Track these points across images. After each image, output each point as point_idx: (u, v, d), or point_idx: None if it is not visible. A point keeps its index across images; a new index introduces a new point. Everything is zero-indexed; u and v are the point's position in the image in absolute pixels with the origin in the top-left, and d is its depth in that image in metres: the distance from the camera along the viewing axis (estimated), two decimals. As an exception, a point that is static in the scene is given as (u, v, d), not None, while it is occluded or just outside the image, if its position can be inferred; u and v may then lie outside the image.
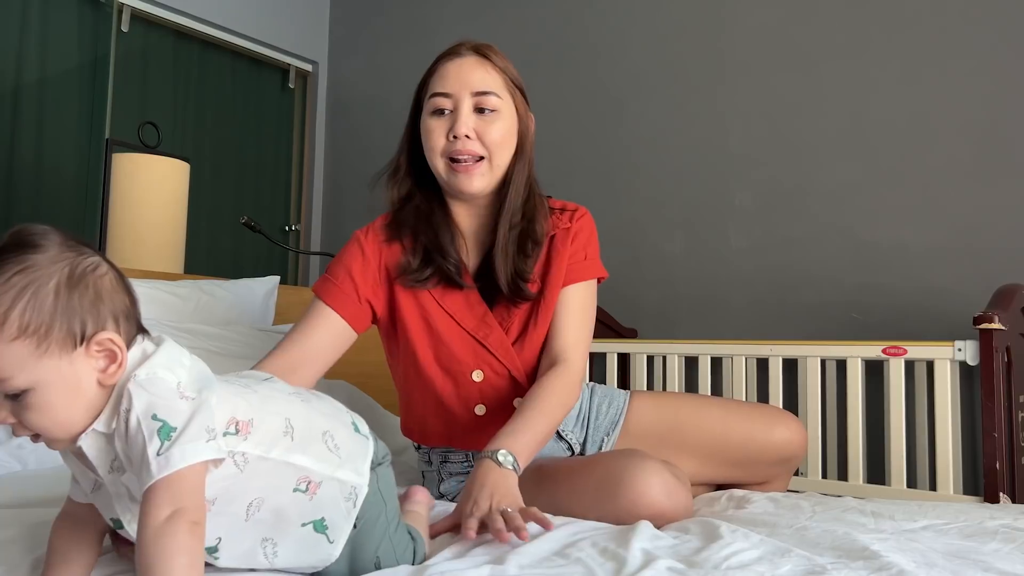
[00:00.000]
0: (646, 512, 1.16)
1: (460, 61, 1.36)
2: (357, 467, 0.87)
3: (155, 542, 0.67)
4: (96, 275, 0.75)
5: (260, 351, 2.00)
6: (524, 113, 1.40)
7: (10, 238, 0.73)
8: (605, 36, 2.71)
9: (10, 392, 0.71)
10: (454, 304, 1.37)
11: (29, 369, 0.70)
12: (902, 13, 2.17)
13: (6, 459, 1.36)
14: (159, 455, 0.69)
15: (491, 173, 1.36)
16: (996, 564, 0.95)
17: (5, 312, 0.69)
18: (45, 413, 0.72)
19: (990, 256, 1.99)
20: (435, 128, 1.35)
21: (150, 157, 2.32)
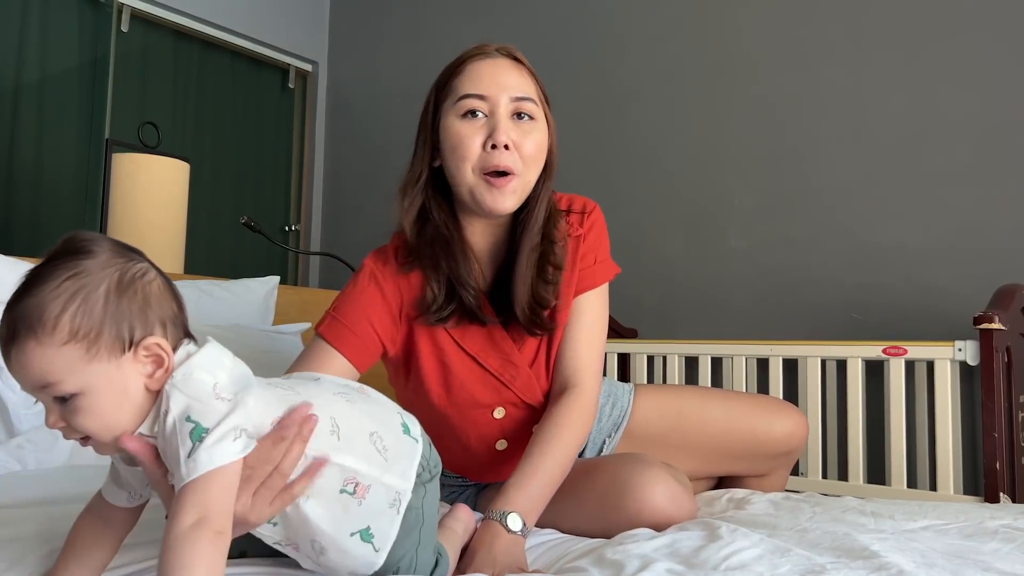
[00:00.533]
0: (651, 519, 1.15)
1: (493, 62, 1.23)
2: (403, 470, 0.86)
3: (177, 548, 0.67)
4: (144, 281, 0.76)
5: (260, 351, 2.00)
6: (553, 127, 1.28)
7: (62, 245, 0.75)
8: (605, 36, 2.71)
9: (60, 395, 0.72)
10: (475, 343, 1.26)
11: (79, 373, 0.71)
12: (902, 13, 2.16)
13: (6, 459, 1.36)
14: (189, 457, 0.70)
15: (521, 191, 1.22)
16: (996, 564, 0.95)
17: (57, 317, 0.70)
18: (93, 417, 0.73)
19: (990, 256, 1.99)
20: (469, 134, 1.19)
21: (150, 157, 2.32)
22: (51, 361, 0.70)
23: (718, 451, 1.47)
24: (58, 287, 0.71)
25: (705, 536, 1.05)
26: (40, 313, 0.70)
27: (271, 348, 2.04)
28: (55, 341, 0.70)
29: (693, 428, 1.46)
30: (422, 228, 1.26)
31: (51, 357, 0.70)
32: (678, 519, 1.17)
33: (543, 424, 1.21)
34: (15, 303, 0.71)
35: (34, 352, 0.70)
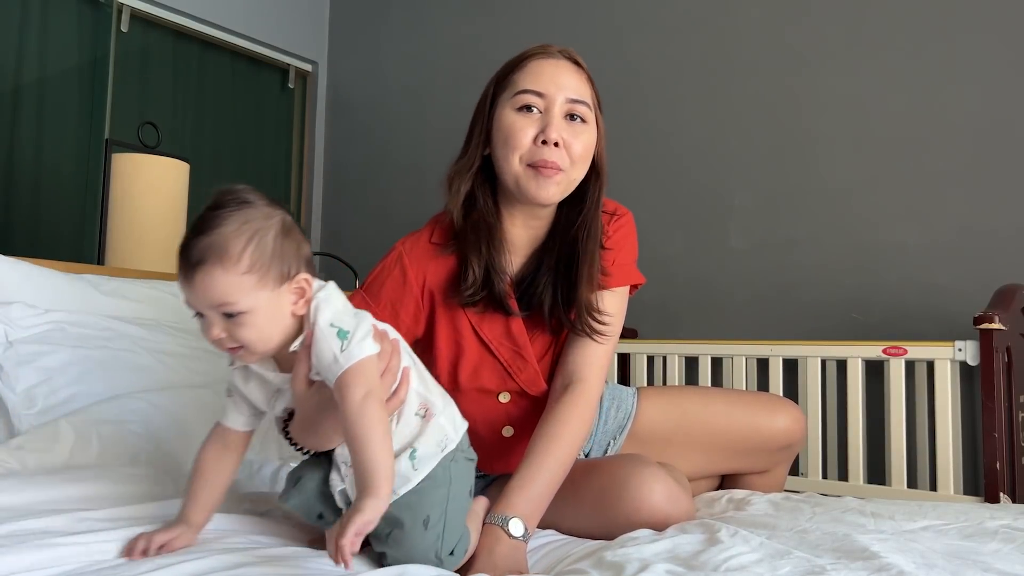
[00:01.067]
0: (648, 518, 1.16)
1: (555, 63, 1.26)
2: (454, 419, 1.05)
3: (359, 418, 0.87)
4: (296, 229, 0.96)
5: (260, 351, 2.00)
6: (603, 132, 1.33)
7: (222, 195, 0.93)
8: (604, 36, 2.70)
9: (231, 313, 0.91)
10: (492, 332, 1.29)
11: (250, 297, 0.91)
12: (902, 13, 2.16)
13: (6, 459, 1.36)
14: (343, 352, 0.90)
15: (566, 185, 1.26)
16: (996, 564, 0.95)
17: (240, 252, 0.90)
18: (254, 330, 0.92)
19: (990, 256, 1.99)
20: (522, 127, 1.23)
21: (150, 157, 2.32)
22: (231, 284, 0.90)
23: (722, 448, 1.48)
24: (239, 229, 0.90)
25: (705, 539, 1.05)
26: (227, 247, 0.89)
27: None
28: (238, 270, 0.90)
29: (696, 427, 1.48)
30: (468, 213, 1.30)
31: (232, 282, 0.90)
32: (676, 518, 1.18)
33: (546, 420, 1.22)
34: (197, 238, 0.90)
35: (220, 277, 0.89)
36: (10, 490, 1.13)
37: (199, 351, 1.88)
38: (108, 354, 1.71)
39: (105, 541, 0.95)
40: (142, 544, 0.93)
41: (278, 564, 0.89)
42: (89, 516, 1.05)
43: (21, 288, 1.75)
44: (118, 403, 1.56)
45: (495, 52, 2.92)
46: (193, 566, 0.87)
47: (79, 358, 1.67)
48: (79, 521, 1.04)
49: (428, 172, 3.09)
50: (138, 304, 1.91)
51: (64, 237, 2.82)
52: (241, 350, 0.93)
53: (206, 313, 0.92)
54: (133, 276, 2.05)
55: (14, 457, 1.37)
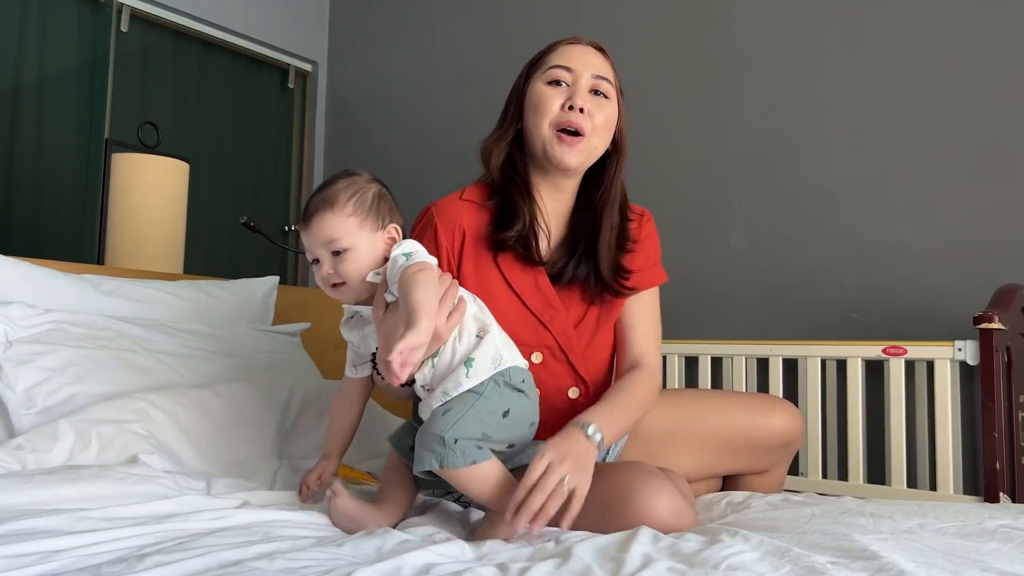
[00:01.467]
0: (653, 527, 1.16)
1: (583, 47, 1.42)
2: (512, 350, 1.22)
3: (411, 276, 1.11)
4: (391, 197, 1.28)
5: (260, 351, 2.00)
6: (624, 114, 1.45)
7: (341, 173, 1.26)
8: (604, 36, 2.69)
9: (336, 250, 1.18)
10: (522, 284, 1.38)
11: (352, 236, 1.19)
12: (902, 13, 2.16)
13: (6, 459, 1.36)
14: (408, 262, 1.15)
15: (588, 152, 1.38)
16: (995, 564, 0.95)
17: (345, 201, 1.20)
18: (353, 266, 1.19)
19: (990, 256, 1.99)
20: (551, 96, 1.37)
21: (149, 157, 2.32)
22: (337, 224, 1.18)
23: (721, 446, 1.50)
24: (347, 187, 1.21)
25: (706, 538, 1.06)
26: (336, 197, 1.20)
27: (271, 348, 2.04)
28: (344, 214, 1.19)
29: (696, 424, 1.50)
30: (509, 174, 1.42)
31: (339, 222, 1.18)
32: (679, 530, 1.18)
33: (618, 383, 1.37)
34: (314, 197, 1.21)
35: (329, 219, 1.19)
36: (10, 490, 1.13)
37: (199, 351, 1.88)
38: (108, 354, 1.71)
39: (105, 541, 0.95)
40: (305, 491, 1.21)
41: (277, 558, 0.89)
42: (89, 516, 1.06)
43: (21, 288, 1.75)
44: (118, 403, 1.56)
45: (495, 52, 2.93)
46: (191, 565, 0.87)
47: (79, 358, 1.67)
48: (79, 521, 1.04)
49: (428, 172, 3.09)
50: (138, 304, 1.91)
51: (64, 237, 2.82)
52: (343, 286, 1.19)
53: (319, 254, 1.19)
54: (133, 276, 2.05)
55: (14, 457, 1.37)
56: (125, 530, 0.99)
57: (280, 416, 1.76)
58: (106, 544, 0.95)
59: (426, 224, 1.41)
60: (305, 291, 2.56)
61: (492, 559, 0.98)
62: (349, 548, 0.97)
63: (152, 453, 1.47)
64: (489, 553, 1.02)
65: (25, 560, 0.87)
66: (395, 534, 1.05)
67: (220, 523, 1.08)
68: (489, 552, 1.02)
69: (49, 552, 0.91)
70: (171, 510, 1.13)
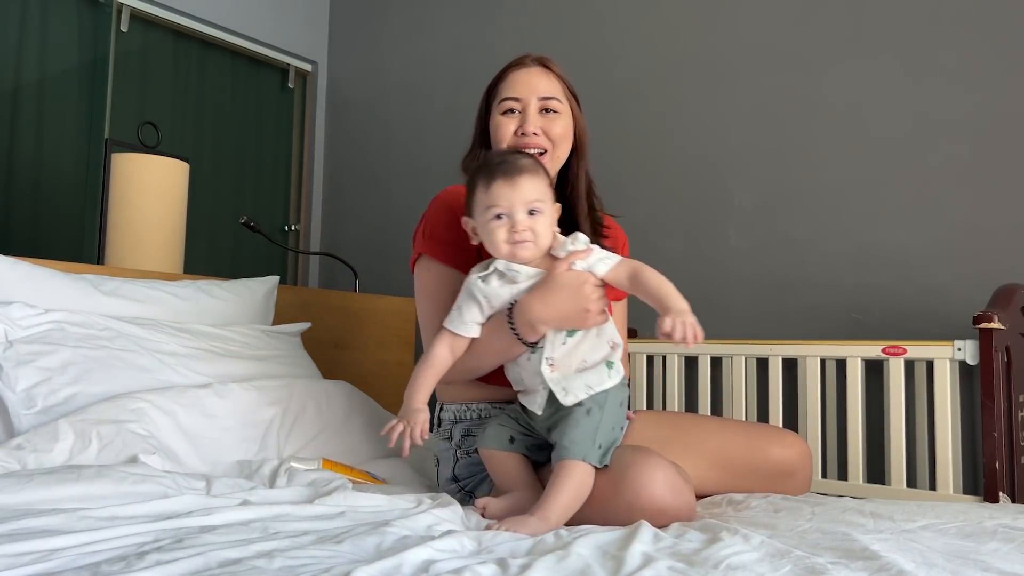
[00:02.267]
0: (650, 507, 1.17)
1: (527, 71, 1.55)
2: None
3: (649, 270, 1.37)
4: None
5: (260, 351, 2.00)
6: (579, 117, 1.60)
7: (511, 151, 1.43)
8: (604, 36, 2.71)
9: (534, 210, 1.31)
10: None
11: (547, 203, 1.33)
12: (902, 13, 2.17)
13: (6, 459, 1.36)
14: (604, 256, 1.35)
15: (552, 163, 1.54)
16: (995, 564, 0.95)
17: (544, 172, 1.36)
18: (543, 226, 1.32)
19: (990, 256, 1.99)
20: (505, 125, 1.54)
21: (149, 157, 2.32)
22: (542, 189, 1.33)
23: (716, 463, 1.48)
24: (535, 162, 1.37)
25: (706, 537, 1.06)
26: (537, 166, 1.35)
27: (271, 348, 2.04)
28: (545, 181, 1.34)
29: (692, 435, 1.50)
30: None
31: (543, 187, 1.33)
32: (676, 510, 1.19)
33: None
34: (514, 158, 1.34)
35: (537, 182, 1.32)
36: (10, 490, 1.13)
37: (199, 351, 1.88)
38: (108, 354, 1.71)
39: (104, 539, 0.95)
40: (407, 445, 1.26)
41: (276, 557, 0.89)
42: (89, 515, 1.06)
43: (21, 288, 1.75)
44: (118, 403, 1.56)
45: (495, 52, 2.93)
46: (191, 564, 0.87)
47: (79, 358, 1.67)
48: (79, 520, 1.04)
49: (428, 172, 3.09)
50: (138, 304, 1.91)
51: (64, 237, 2.82)
52: (529, 243, 1.31)
53: (514, 211, 1.30)
54: (133, 276, 2.05)
55: (14, 457, 1.37)
56: (124, 528, 0.99)
57: (280, 416, 1.76)
58: (105, 543, 0.95)
59: (437, 208, 1.54)
60: (305, 291, 2.56)
61: (491, 554, 0.98)
62: (349, 545, 0.97)
63: (152, 453, 1.47)
64: (488, 548, 1.02)
65: (24, 559, 0.87)
66: (395, 531, 1.05)
67: (219, 521, 1.08)
68: (488, 547, 1.02)
69: (48, 551, 0.91)
70: (171, 509, 1.13)
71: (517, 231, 1.29)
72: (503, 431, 1.36)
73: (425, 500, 1.29)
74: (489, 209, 1.31)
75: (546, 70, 1.56)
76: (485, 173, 1.32)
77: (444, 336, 1.36)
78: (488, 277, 1.34)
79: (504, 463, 1.35)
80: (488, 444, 1.35)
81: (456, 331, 1.35)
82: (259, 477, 1.50)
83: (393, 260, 3.10)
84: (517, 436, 1.36)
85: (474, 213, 1.35)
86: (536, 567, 0.89)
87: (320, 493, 1.29)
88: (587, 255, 1.33)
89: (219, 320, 2.04)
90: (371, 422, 1.93)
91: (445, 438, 1.52)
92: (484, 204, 1.31)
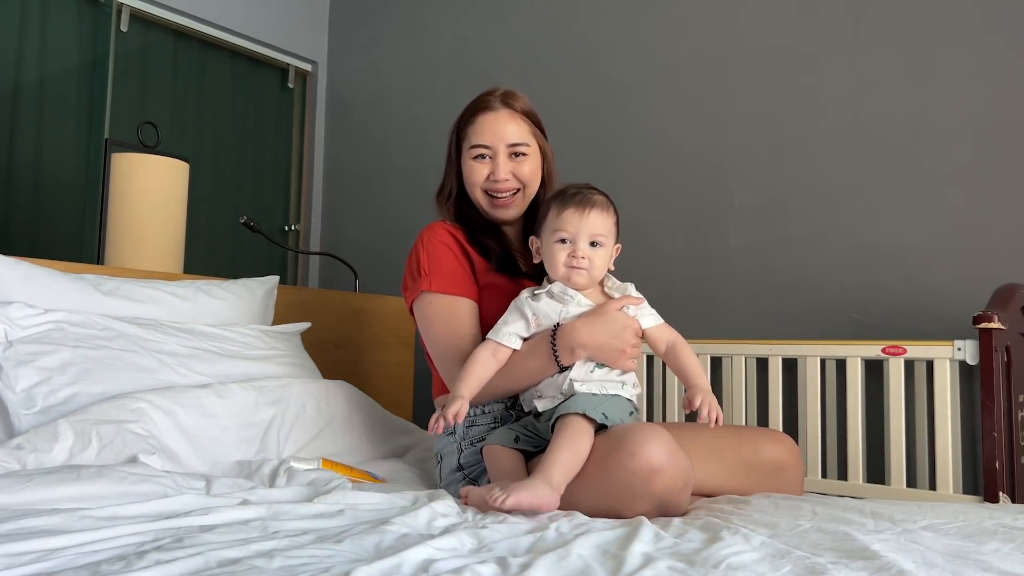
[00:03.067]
0: (645, 467, 1.20)
1: (494, 115, 1.62)
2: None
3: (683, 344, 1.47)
4: None
5: (260, 351, 2.00)
6: (546, 148, 1.69)
7: (585, 185, 1.48)
8: (604, 36, 2.71)
9: (596, 242, 1.41)
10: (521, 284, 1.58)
11: (611, 238, 1.44)
12: (902, 13, 2.17)
13: (6, 459, 1.36)
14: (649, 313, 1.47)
15: (523, 201, 1.65)
16: (996, 564, 0.95)
17: (614, 210, 1.47)
18: (601, 260, 1.43)
19: (990, 256, 1.99)
20: (477, 169, 1.63)
21: (149, 157, 2.32)
22: (609, 224, 1.44)
23: (712, 456, 1.50)
24: (608, 200, 1.46)
25: (707, 537, 1.06)
26: (609, 203, 1.45)
27: (271, 348, 2.04)
28: (614, 219, 1.46)
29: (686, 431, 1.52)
30: (467, 223, 1.67)
31: (610, 224, 1.44)
32: (672, 472, 1.22)
33: None
34: (592, 191, 1.45)
35: (607, 217, 1.43)
36: (10, 490, 1.13)
37: (199, 351, 1.88)
38: (108, 354, 1.71)
39: (104, 539, 0.95)
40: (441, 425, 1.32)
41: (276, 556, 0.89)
42: (88, 515, 1.06)
43: (21, 288, 1.75)
44: (118, 403, 1.56)
45: (495, 52, 2.93)
46: (191, 563, 0.87)
47: (79, 358, 1.67)
48: (78, 520, 1.04)
49: (428, 172, 3.09)
50: (138, 304, 1.91)
51: (64, 237, 2.82)
52: (585, 270, 1.41)
53: (578, 238, 1.40)
54: (133, 276, 2.05)
55: (14, 457, 1.37)
56: (124, 528, 0.99)
57: (280, 416, 1.76)
58: (105, 542, 0.95)
59: (429, 244, 1.61)
60: (305, 291, 2.56)
61: (491, 553, 0.98)
62: (348, 544, 0.97)
63: (152, 453, 1.47)
64: (488, 546, 1.02)
65: (24, 558, 0.87)
66: (395, 529, 1.05)
67: (219, 520, 1.07)
68: (488, 545, 1.02)
69: (48, 550, 0.91)
70: (170, 509, 1.13)
71: (576, 257, 1.40)
72: (510, 432, 1.43)
73: (422, 497, 1.29)
74: (556, 232, 1.42)
75: (512, 113, 1.63)
76: (560, 201, 1.43)
77: (488, 344, 1.44)
78: (539, 295, 1.45)
79: (503, 457, 1.40)
80: (495, 441, 1.42)
81: (500, 341, 1.43)
82: (259, 477, 1.50)
83: (393, 260, 3.10)
84: (523, 437, 1.42)
85: (542, 234, 1.47)
86: (536, 566, 0.89)
87: (320, 492, 1.29)
88: (639, 304, 1.44)
89: (219, 320, 2.04)
90: (371, 422, 1.93)
91: (449, 433, 1.54)
92: (552, 227, 1.43)
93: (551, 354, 1.40)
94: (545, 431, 1.39)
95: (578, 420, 1.30)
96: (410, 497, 1.29)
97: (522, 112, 1.64)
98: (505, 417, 1.55)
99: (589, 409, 1.31)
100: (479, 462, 1.50)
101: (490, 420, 1.54)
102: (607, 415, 1.32)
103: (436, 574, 0.86)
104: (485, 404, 1.54)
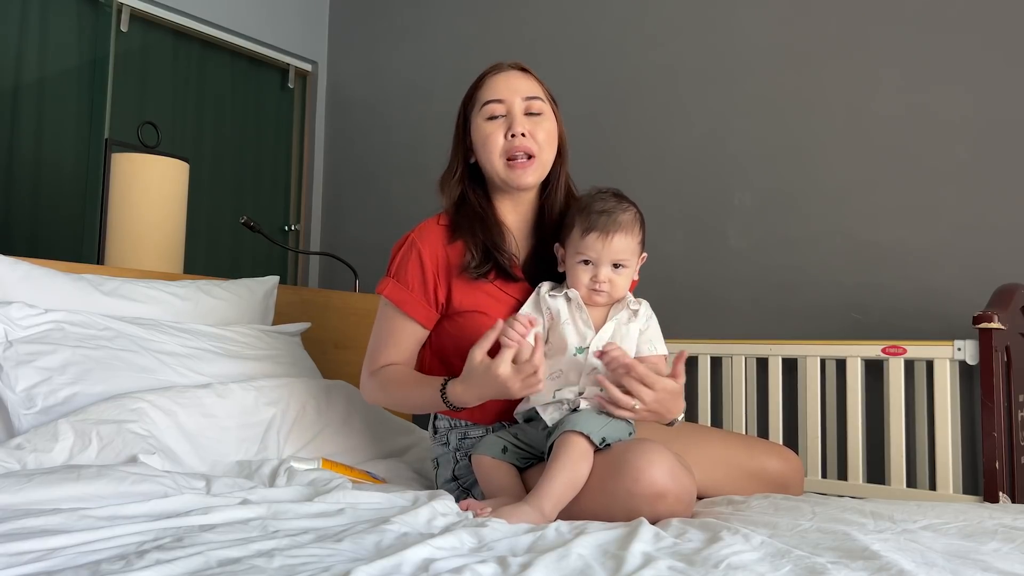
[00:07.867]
0: (649, 491, 1.19)
1: (506, 74, 1.54)
2: None
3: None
4: None
5: (260, 351, 2.00)
6: (560, 121, 1.58)
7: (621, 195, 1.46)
8: (604, 35, 2.71)
9: (620, 263, 1.41)
10: (517, 290, 1.53)
11: (633, 259, 1.43)
12: (902, 13, 2.17)
13: (6, 459, 1.36)
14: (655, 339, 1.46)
15: (540, 169, 1.53)
16: (996, 564, 0.95)
17: (639, 230, 1.44)
18: (627, 277, 1.43)
19: (990, 256, 1.99)
20: (493, 130, 1.51)
21: (149, 157, 2.32)
22: (631, 248, 1.42)
23: (717, 464, 1.50)
24: (636, 216, 1.44)
25: (707, 537, 1.06)
26: (635, 223, 1.42)
27: (271, 348, 2.04)
28: (636, 240, 1.43)
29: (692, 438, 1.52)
30: (461, 209, 1.56)
31: (632, 246, 1.42)
32: (676, 493, 1.20)
33: None
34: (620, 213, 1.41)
35: (629, 241, 1.41)
36: (10, 490, 1.13)
37: (199, 351, 1.88)
38: (108, 354, 1.71)
39: (104, 538, 0.95)
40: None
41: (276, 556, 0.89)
42: (89, 515, 1.06)
43: (21, 288, 1.75)
44: (118, 403, 1.56)
45: (495, 52, 2.93)
46: (191, 563, 0.87)
47: (79, 358, 1.67)
48: (79, 519, 1.04)
49: (428, 172, 3.08)
50: (138, 304, 1.91)
51: (64, 237, 2.82)
52: (605, 294, 1.40)
53: (600, 263, 1.39)
54: (133, 276, 2.05)
55: (14, 457, 1.37)
56: (124, 528, 0.99)
57: (280, 416, 1.76)
58: (105, 541, 0.95)
59: (408, 249, 1.53)
60: (305, 291, 2.56)
61: (491, 552, 0.98)
62: (348, 544, 0.97)
63: (152, 453, 1.47)
64: (488, 545, 1.02)
65: (24, 558, 0.87)
66: (395, 529, 1.05)
67: (219, 520, 1.07)
68: (488, 544, 1.02)
69: (48, 550, 0.91)
70: (170, 508, 1.13)
71: (598, 281, 1.39)
72: (498, 441, 1.41)
73: (422, 496, 1.29)
74: (579, 254, 1.41)
75: (525, 73, 1.56)
76: (585, 219, 1.40)
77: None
78: (557, 297, 1.44)
79: (493, 470, 1.39)
80: (482, 451, 1.41)
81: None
82: (259, 477, 1.50)
83: (393, 260, 3.10)
84: (510, 447, 1.41)
85: (566, 245, 1.45)
86: (536, 566, 0.89)
87: (320, 492, 1.29)
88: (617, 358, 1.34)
89: (219, 320, 2.04)
90: (371, 422, 1.93)
91: (443, 443, 1.54)
92: (575, 248, 1.42)
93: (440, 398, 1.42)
94: (538, 439, 1.39)
95: (580, 442, 1.28)
96: (410, 496, 1.29)
97: (537, 78, 1.57)
98: (496, 427, 1.53)
99: (593, 432, 1.29)
100: (472, 472, 1.48)
101: (481, 432, 1.53)
102: (607, 439, 1.30)
103: (436, 573, 0.86)
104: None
